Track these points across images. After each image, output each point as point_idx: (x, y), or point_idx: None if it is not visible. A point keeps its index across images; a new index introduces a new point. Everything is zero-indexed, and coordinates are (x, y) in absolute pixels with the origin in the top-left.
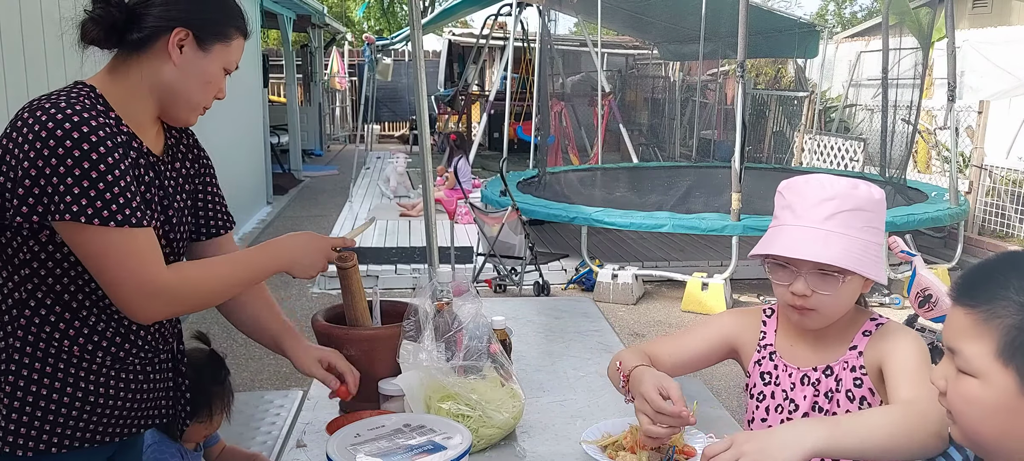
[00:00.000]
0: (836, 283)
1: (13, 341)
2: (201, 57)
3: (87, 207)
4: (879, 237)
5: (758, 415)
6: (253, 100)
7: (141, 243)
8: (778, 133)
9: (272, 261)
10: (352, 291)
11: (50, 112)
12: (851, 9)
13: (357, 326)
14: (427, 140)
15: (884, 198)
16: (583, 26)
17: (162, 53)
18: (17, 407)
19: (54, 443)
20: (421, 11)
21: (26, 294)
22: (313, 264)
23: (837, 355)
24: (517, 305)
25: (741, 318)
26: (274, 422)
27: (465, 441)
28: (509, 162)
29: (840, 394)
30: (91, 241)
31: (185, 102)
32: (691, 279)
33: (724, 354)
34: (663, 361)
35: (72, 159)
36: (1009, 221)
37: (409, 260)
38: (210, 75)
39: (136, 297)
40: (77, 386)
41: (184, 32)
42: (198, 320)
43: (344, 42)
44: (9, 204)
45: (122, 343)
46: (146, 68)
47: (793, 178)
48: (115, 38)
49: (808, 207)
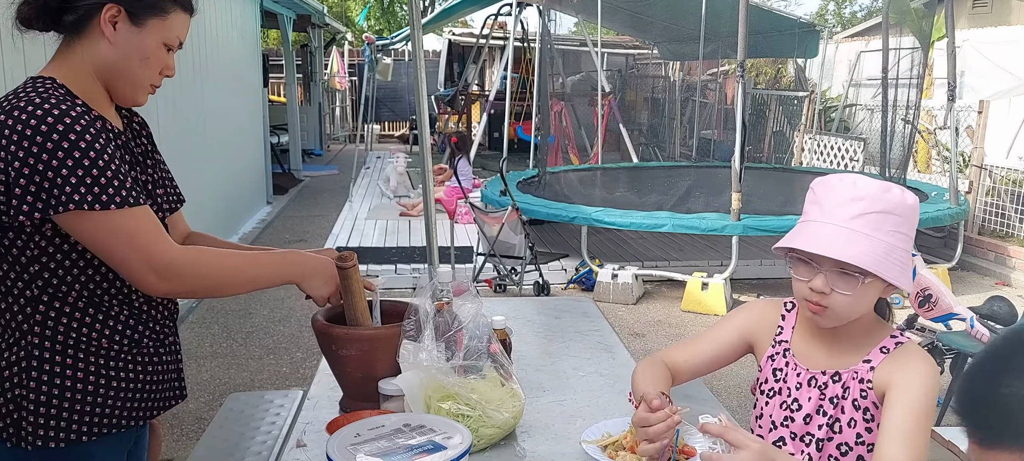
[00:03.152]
0: (856, 283)
1: (33, 338)
2: (136, 33)
3: (86, 194)
4: (906, 243)
5: (767, 412)
6: (253, 100)
7: (142, 220)
8: (778, 133)
9: (286, 269)
10: (352, 291)
11: (28, 110)
12: (851, 9)
13: (357, 326)
14: (427, 140)
15: (917, 204)
16: (583, 26)
17: (97, 32)
18: (45, 401)
19: (84, 432)
20: (421, 11)
21: (38, 290)
22: (325, 285)
23: (849, 363)
24: (517, 305)
25: (759, 311)
26: (274, 422)
27: (465, 441)
28: (509, 162)
29: (846, 401)
30: (95, 227)
31: (127, 81)
32: (691, 279)
33: (742, 350)
34: (681, 367)
35: (62, 151)
36: (1009, 221)
37: (409, 260)
38: (148, 51)
39: (147, 273)
40: (99, 373)
41: (115, 9)
42: (198, 320)
43: (344, 42)
44: (7, 206)
45: (136, 325)
46: (86, 50)
47: (828, 176)
48: (48, 19)
49: (836, 205)
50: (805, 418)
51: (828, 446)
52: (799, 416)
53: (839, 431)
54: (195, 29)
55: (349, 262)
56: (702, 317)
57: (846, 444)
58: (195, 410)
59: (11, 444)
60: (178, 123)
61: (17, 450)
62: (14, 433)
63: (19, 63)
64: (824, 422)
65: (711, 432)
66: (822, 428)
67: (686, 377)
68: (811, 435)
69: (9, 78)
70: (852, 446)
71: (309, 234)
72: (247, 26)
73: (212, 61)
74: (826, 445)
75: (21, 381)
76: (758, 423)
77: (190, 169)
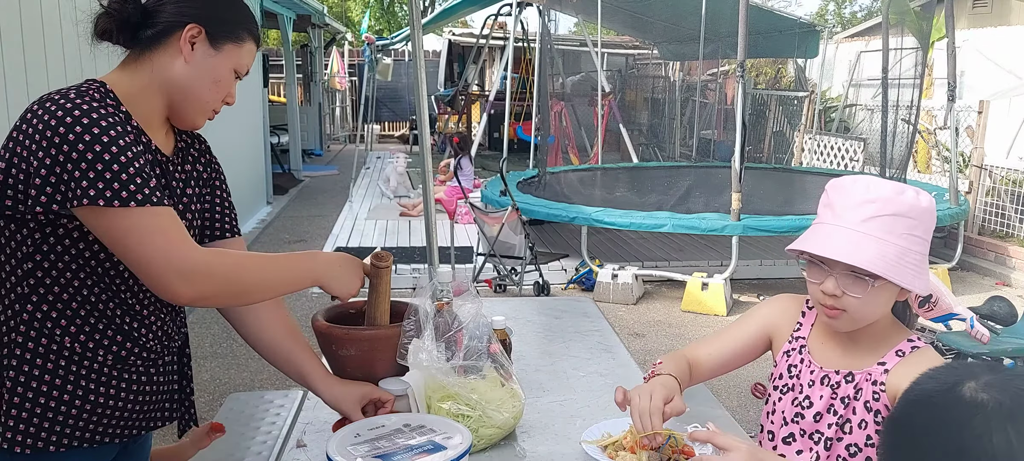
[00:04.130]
0: (866, 286)
1: (15, 336)
2: (212, 55)
3: (105, 190)
4: (920, 246)
5: (779, 407)
6: (253, 100)
7: (164, 221)
8: (778, 133)
9: (309, 270)
10: (379, 291)
11: (60, 103)
12: (851, 9)
13: (373, 325)
14: (427, 140)
15: (933, 206)
16: (583, 26)
17: (174, 49)
18: (17, 403)
19: (53, 441)
20: (421, 11)
21: (28, 289)
22: (350, 281)
23: (863, 365)
24: (517, 305)
25: (782, 306)
26: (274, 422)
27: (465, 441)
28: (509, 162)
29: (858, 402)
30: (113, 225)
31: (194, 101)
32: (691, 279)
33: (764, 345)
34: (703, 362)
35: (83, 144)
36: (1009, 221)
37: (409, 260)
38: (220, 75)
39: (166, 275)
40: (77, 385)
41: (197, 28)
42: (198, 320)
43: (344, 42)
44: (25, 196)
45: (123, 342)
46: (157, 65)
47: (842, 178)
48: (128, 34)
49: (848, 207)
50: (815, 416)
51: (837, 446)
52: (809, 413)
53: (849, 431)
54: None
55: (385, 262)
56: (702, 317)
57: (855, 445)
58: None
59: None
60: None
61: None
62: None
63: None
64: (834, 421)
65: (698, 439)
66: (832, 427)
67: (709, 372)
68: (820, 433)
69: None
70: (861, 447)
71: (309, 234)
72: None
73: None
74: (835, 444)
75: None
76: (769, 418)
77: None
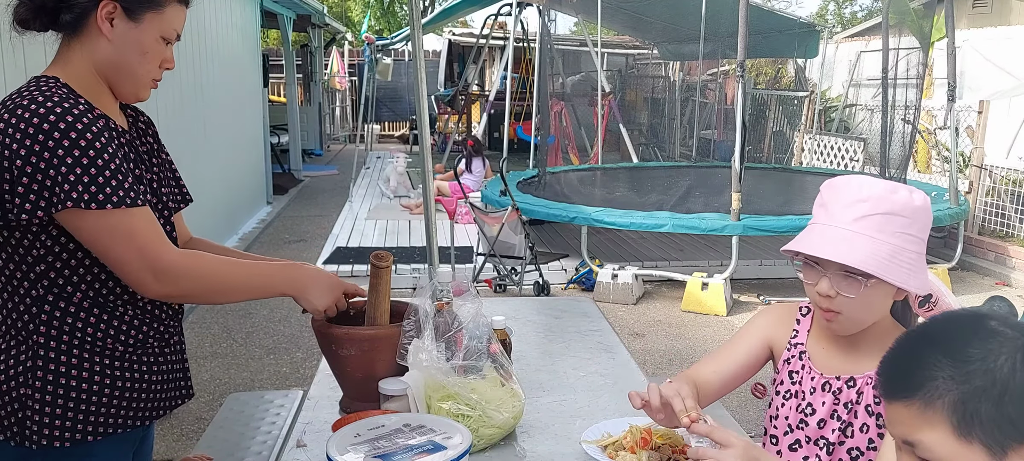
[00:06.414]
0: (859, 286)
1: (38, 337)
2: (133, 28)
3: (84, 193)
4: (915, 245)
5: (783, 413)
6: (253, 100)
7: (139, 222)
8: (778, 133)
9: (286, 281)
10: (379, 291)
11: (31, 108)
12: (851, 9)
13: (373, 324)
14: (427, 140)
15: (928, 205)
16: (583, 26)
17: (95, 30)
18: (50, 400)
19: (90, 431)
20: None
21: (43, 290)
22: (323, 298)
23: (864, 368)
24: (517, 305)
25: (777, 315)
26: (274, 422)
27: (465, 441)
28: (509, 162)
29: (860, 407)
30: (93, 226)
31: (128, 76)
32: (691, 279)
33: (766, 356)
34: (708, 380)
35: (63, 149)
36: (1009, 221)
37: (409, 260)
38: (146, 45)
39: (143, 275)
40: (104, 373)
41: (111, 5)
42: (198, 320)
43: (344, 42)
44: (11, 203)
45: (140, 325)
46: (86, 49)
47: (836, 178)
48: (46, 20)
49: (841, 207)
50: (819, 423)
51: (839, 450)
52: (813, 420)
53: (851, 435)
54: (195, 29)
55: (384, 262)
56: (702, 317)
57: (857, 448)
58: (195, 410)
59: (15, 443)
60: (178, 123)
61: (21, 450)
62: (18, 432)
63: (17, 64)
64: (837, 427)
65: (699, 431)
66: (835, 432)
67: (715, 393)
68: (824, 439)
69: (9, 80)
70: (863, 451)
71: (309, 234)
72: (247, 26)
73: (212, 61)
74: (837, 449)
75: (26, 381)
76: (773, 424)
77: (190, 169)
